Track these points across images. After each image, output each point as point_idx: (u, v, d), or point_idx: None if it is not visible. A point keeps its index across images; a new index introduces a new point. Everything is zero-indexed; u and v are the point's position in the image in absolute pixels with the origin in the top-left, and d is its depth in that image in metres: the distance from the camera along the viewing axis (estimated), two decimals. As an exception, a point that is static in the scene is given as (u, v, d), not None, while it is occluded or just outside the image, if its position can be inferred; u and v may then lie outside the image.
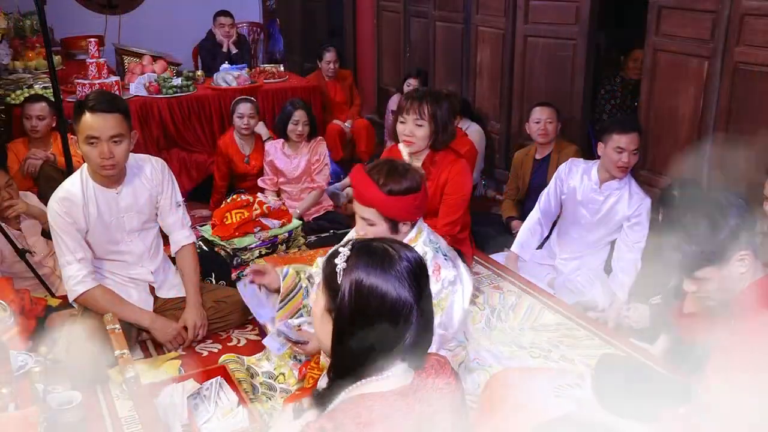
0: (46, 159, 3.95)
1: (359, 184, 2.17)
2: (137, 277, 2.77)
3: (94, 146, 2.48)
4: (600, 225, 3.29)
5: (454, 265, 2.32)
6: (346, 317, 1.32)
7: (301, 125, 4.14)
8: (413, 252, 1.39)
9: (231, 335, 2.89)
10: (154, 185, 2.73)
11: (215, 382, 2.31)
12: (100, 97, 2.53)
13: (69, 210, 2.55)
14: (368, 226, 2.20)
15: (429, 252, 2.24)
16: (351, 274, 1.32)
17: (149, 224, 2.78)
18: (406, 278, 1.33)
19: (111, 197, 2.63)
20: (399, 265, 1.33)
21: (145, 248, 2.77)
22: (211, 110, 4.97)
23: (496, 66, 4.89)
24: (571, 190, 3.36)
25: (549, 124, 3.94)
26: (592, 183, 3.28)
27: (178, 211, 2.84)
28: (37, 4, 3.09)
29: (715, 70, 3.36)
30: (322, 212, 4.23)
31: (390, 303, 1.31)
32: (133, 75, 5.10)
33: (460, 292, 2.30)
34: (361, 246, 1.38)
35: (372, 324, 1.30)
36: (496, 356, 2.63)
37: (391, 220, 2.17)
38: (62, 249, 2.58)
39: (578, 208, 3.33)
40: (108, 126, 2.47)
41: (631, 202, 3.19)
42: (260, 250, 3.46)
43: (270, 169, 4.27)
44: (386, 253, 1.35)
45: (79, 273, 2.58)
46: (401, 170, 2.19)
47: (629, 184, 3.22)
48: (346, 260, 1.34)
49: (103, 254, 2.70)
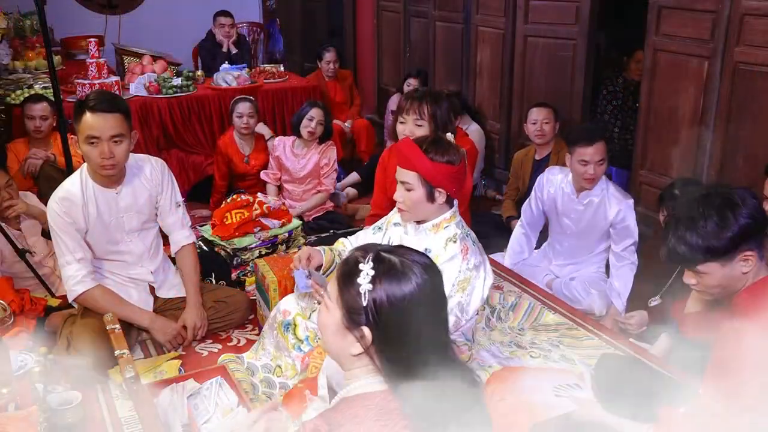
0: (46, 159, 3.95)
1: (406, 149, 2.30)
2: (137, 277, 2.77)
3: (95, 146, 2.48)
4: (586, 233, 3.23)
5: (480, 254, 2.39)
6: (383, 331, 1.33)
7: (315, 123, 4.14)
8: (421, 256, 1.43)
9: (231, 335, 2.89)
10: (154, 185, 2.73)
11: (215, 382, 2.32)
12: (100, 96, 2.53)
13: (68, 210, 2.55)
14: (406, 191, 2.31)
15: (459, 234, 2.33)
16: (378, 292, 1.33)
17: (149, 224, 2.78)
18: (420, 276, 1.35)
19: (111, 197, 2.63)
20: (413, 267, 1.36)
21: (145, 248, 2.76)
22: (211, 110, 4.97)
23: (496, 66, 4.89)
24: (551, 201, 3.30)
25: (545, 124, 3.94)
26: (569, 193, 3.22)
27: (177, 211, 2.83)
28: (37, 4, 3.09)
29: (715, 70, 3.36)
30: (322, 212, 4.23)
31: (417, 301, 1.33)
32: (133, 75, 5.10)
33: (482, 278, 2.35)
34: (380, 261, 1.37)
35: (410, 328, 1.33)
36: (496, 356, 2.63)
37: (429, 184, 2.28)
38: (62, 249, 2.58)
39: (561, 218, 3.29)
40: (108, 126, 2.47)
41: (612, 207, 3.10)
42: (260, 250, 3.46)
43: (275, 164, 4.27)
44: (404, 259, 1.38)
45: (79, 273, 2.58)
46: (446, 144, 2.35)
47: (607, 189, 3.13)
48: (371, 281, 1.34)
49: (102, 254, 2.70)
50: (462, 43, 5.23)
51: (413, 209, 2.34)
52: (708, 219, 1.77)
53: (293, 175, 4.25)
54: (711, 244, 1.77)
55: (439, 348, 1.38)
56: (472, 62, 5.14)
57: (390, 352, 1.35)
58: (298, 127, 4.19)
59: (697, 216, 1.79)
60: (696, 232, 1.77)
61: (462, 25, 5.19)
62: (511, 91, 4.81)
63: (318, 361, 2.29)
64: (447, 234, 2.33)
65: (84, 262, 2.59)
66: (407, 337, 1.33)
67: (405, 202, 2.33)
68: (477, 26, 5.02)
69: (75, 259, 2.58)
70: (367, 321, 1.34)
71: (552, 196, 3.29)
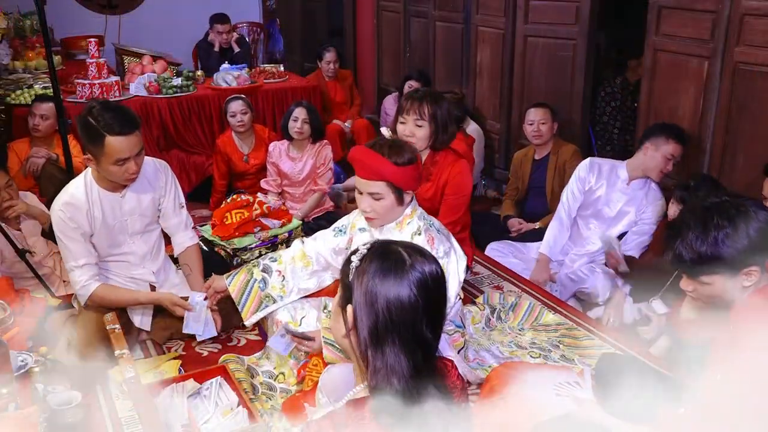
0: (48, 158, 3.95)
1: (368, 159, 2.23)
2: (139, 277, 2.77)
3: (122, 165, 2.47)
4: (616, 220, 3.36)
5: (447, 240, 2.37)
6: (358, 316, 1.35)
7: (300, 122, 4.10)
8: (431, 264, 1.39)
9: (231, 335, 2.89)
10: (158, 187, 2.73)
11: (215, 382, 2.32)
12: (118, 116, 2.44)
13: (73, 215, 2.54)
14: (375, 201, 2.26)
15: (422, 225, 2.31)
16: (362, 274, 1.35)
17: (152, 226, 2.78)
18: (414, 287, 1.33)
19: (115, 201, 2.63)
20: (410, 273, 1.34)
21: (148, 249, 2.77)
22: (211, 110, 4.98)
23: (496, 66, 4.89)
24: (594, 188, 3.40)
25: (542, 125, 3.94)
26: (620, 180, 3.34)
27: (181, 213, 2.84)
28: (37, 4, 3.09)
29: (715, 70, 3.36)
30: (322, 212, 4.22)
31: (393, 306, 1.32)
32: (133, 75, 5.10)
33: (454, 262, 2.33)
34: (378, 246, 1.40)
35: (383, 324, 1.33)
36: (496, 356, 2.64)
37: (399, 189, 2.25)
38: (66, 255, 2.59)
39: (600, 205, 3.38)
40: (133, 144, 2.46)
41: (648, 199, 3.30)
42: (260, 250, 3.46)
43: (274, 170, 4.25)
44: (399, 258, 1.37)
45: (81, 278, 2.58)
46: (399, 144, 2.33)
47: (649, 182, 3.32)
48: (360, 259, 1.38)
49: (105, 255, 2.70)
50: (462, 43, 5.23)
51: (384, 216, 2.31)
52: (720, 230, 1.70)
53: (292, 179, 4.23)
54: (721, 256, 1.70)
55: (418, 348, 1.35)
56: (472, 62, 5.14)
57: (365, 337, 1.35)
58: (286, 128, 4.17)
59: (709, 225, 1.72)
60: (707, 241, 1.71)
61: (462, 25, 5.19)
62: (511, 91, 4.81)
63: (314, 374, 2.28)
64: (411, 229, 2.32)
65: (87, 267, 2.59)
66: (382, 326, 1.33)
67: (375, 211, 2.28)
68: (477, 26, 5.02)
69: (78, 266, 2.57)
70: (352, 298, 1.37)
71: (598, 182, 3.38)
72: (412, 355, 1.33)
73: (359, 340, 1.36)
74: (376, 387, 1.33)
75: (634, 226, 3.32)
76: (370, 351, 1.34)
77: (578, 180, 3.44)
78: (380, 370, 1.32)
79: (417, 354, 1.34)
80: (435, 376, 1.39)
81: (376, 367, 1.33)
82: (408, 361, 1.32)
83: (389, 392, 1.30)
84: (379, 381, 1.32)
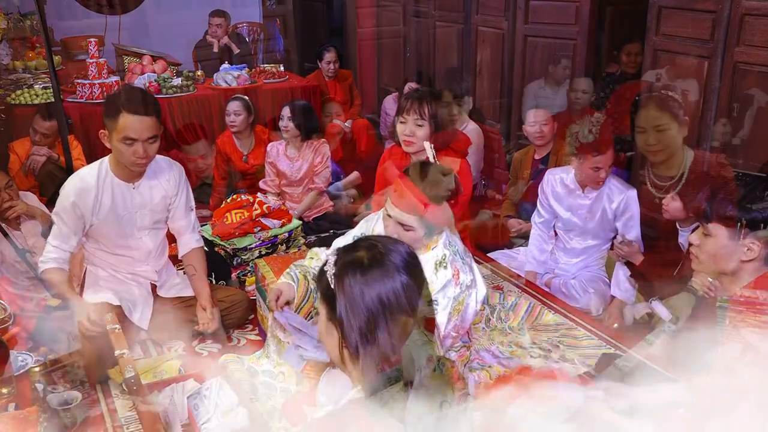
0: (49, 156, 3.95)
1: (406, 192, 2.17)
2: (141, 275, 2.79)
3: (130, 146, 2.50)
4: (593, 229, 3.24)
5: (470, 269, 2.34)
6: (350, 320, 1.33)
7: (285, 120, 4.10)
8: (399, 244, 1.43)
9: (231, 335, 2.89)
10: (171, 186, 2.76)
11: (215, 382, 2.32)
12: (137, 97, 2.51)
13: (80, 196, 2.57)
14: (404, 231, 2.20)
15: (448, 255, 2.26)
16: (343, 279, 1.34)
17: (159, 224, 2.80)
18: (402, 271, 1.35)
19: (127, 191, 2.66)
20: (391, 260, 1.35)
21: (154, 247, 2.79)
22: (211, 110, 4.97)
23: (496, 66, 4.89)
24: (556, 200, 3.31)
25: (544, 126, 3.94)
26: (574, 189, 3.23)
27: (190, 216, 2.87)
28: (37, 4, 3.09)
29: (715, 70, 3.36)
30: (322, 212, 4.22)
31: (388, 296, 1.32)
32: (133, 75, 5.09)
33: (474, 294, 2.32)
34: (344, 250, 1.40)
35: (376, 321, 1.32)
36: (496, 356, 2.63)
37: (431, 225, 2.19)
38: (53, 230, 2.64)
39: (568, 216, 3.29)
40: (146, 127, 2.49)
41: (614, 194, 3.13)
42: (260, 250, 3.46)
43: (272, 171, 4.25)
44: (374, 251, 1.37)
45: (47, 255, 2.63)
46: (440, 174, 2.22)
47: (609, 180, 3.15)
48: (334, 264, 1.37)
49: (112, 248, 2.72)
50: (462, 43, 5.23)
51: (411, 245, 2.27)
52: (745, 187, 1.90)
53: (290, 179, 4.22)
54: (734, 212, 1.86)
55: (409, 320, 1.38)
56: (472, 62, 5.14)
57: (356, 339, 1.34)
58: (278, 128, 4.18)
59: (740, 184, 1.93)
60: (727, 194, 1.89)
61: (462, 25, 5.19)
62: (511, 91, 4.81)
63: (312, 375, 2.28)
64: (435, 256, 2.27)
65: (58, 251, 2.62)
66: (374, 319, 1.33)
67: (401, 239, 2.16)
68: (477, 26, 5.02)
69: (53, 244, 2.62)
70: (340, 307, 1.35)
71: (557, 194, 3.29)
72: (404, 329, 1.36)
73: (350, 341, 1.35)
74: (372, 384, 1.33)
75: (617, 221, 3.16)
76: (361, 348, 1.33)
77: (540, 193, 3.36)
78: (374, 361, 1.33)
79: (408, 326, 1.39)
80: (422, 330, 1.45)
81: (370, 361, 1.33)
82: (400, 340, 1.35)
83: (385, 384, 1.31)
84: (373, 378, 1.33)
